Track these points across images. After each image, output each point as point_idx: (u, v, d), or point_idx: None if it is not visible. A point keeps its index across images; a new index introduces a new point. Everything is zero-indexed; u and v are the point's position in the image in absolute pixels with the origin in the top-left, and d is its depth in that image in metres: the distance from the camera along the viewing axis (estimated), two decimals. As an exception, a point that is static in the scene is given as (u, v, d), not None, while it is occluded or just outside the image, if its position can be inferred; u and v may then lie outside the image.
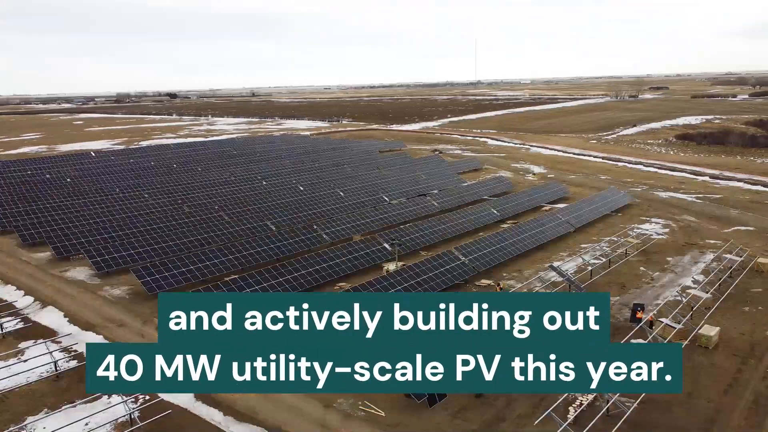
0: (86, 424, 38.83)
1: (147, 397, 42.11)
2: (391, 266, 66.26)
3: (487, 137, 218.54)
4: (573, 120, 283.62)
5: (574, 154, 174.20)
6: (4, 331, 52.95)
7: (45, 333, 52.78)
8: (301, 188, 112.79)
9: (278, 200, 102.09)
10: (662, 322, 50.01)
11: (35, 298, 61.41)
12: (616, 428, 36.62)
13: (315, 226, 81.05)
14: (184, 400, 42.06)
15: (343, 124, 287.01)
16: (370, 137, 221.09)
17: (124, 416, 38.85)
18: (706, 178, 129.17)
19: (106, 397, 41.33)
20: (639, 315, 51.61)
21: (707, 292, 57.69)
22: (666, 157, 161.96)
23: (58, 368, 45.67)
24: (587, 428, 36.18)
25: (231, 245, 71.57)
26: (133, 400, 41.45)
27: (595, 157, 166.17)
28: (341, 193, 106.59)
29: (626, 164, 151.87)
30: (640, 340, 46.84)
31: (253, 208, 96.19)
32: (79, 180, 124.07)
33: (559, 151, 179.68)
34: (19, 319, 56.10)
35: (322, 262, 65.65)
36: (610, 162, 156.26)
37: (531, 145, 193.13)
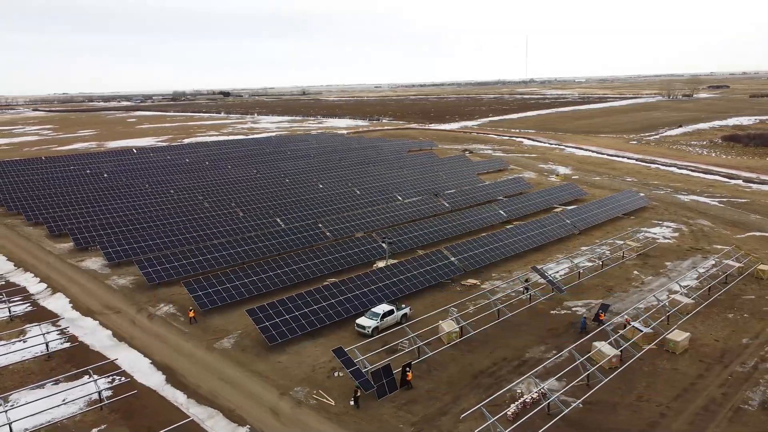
0: (63, 400, 42.36)
1: (122, 379, 45.50)
2: (381, 263, 67.96)
3: (524, 137, 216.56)
4: (616, 120, 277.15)
5: (608, 155, 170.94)
6: (12, 314, 57.58)
7: (49, 317, 57.11)
8: (321, 186, 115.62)
9: (294, 197, 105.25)
10: (632, 325, 49.86)
11: (48, 285, 66.25)
12: (549, 425, 37.37)
13: (319, 224, 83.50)
14: (155, 382, 45.21)
15: (381, 123, 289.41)
16: (405, 136, 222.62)
17: (94, 393, 42.18)
18: (739, 182, 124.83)
19: (87, 376, 44.81)
20: (601, 317, 51.82)
21: (691, 297, 56.85)
22: (704, 159, 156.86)
23: (49, 349, 49.61)
24: (517, 424, 37.08)
25: (234, 240, 74.70)
26: (109, 381, 44.96)
27: (628, 158, 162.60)
28: (357, 192, 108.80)
29: (659, 166, 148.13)
30: (603, 342, 47.01)
31: (267, 204, 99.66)
32: (116, 175, 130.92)
33: (593, 152, 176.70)
34: (28, 304, 60.80)
35: (314, 257, 67.94)
36: (643, 164, 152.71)
37: (566, 146, 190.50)
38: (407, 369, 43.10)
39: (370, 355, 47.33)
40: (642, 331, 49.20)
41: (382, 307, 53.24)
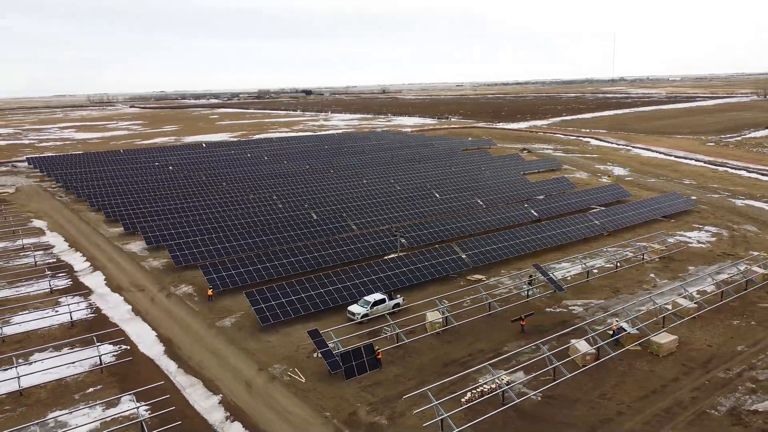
0: (73, 362, 47.68)
1: (128, 347, 50.42)
2: (392, 255, 69.93)
3: (593, 137, 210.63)
4: (698, 120, 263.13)
5: (676, 156, 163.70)
6: (52, 287, 64.42)
7: (84, 292, 63.48)
8: (365, 181, 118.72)
9: (335, 192, 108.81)
10: (620, 325, 49.28)
11: (91, 264, 73.25)
12: (496, 412, 38.32)
13: (347, 217, 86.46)
14: (154, 352, 49.86)
15: (449, 122, 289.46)
16: (468, 134, 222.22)
17: (96, 357, 47.27)
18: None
19: (99, 344, 49.94)
20: (523, 322, 51.11)
21: (694, 302, 55.06)
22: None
23: (73, 319, 55.49)
24: (462, 408, 38.29)
25: (260, 230, 79.03)
26: (116, 348, 49.99)
27: (697, 160, 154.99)
28: (398, 188, 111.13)
29: (728, 169, 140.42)
30: (580, 339, 46.90)
31: (307, 197, 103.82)
32: (180, 167, 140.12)
33: (661, 153, 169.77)
34: (69, 279, 67.68)
35: (329, 248, 70.94)
36: (711, 166, 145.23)
37: (633, 147, 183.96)
38: (371, 352, 45.08)
39: (350, 337, 49.79)
40: (627, 332, 48.65)
41: (374, 296, 55.38)
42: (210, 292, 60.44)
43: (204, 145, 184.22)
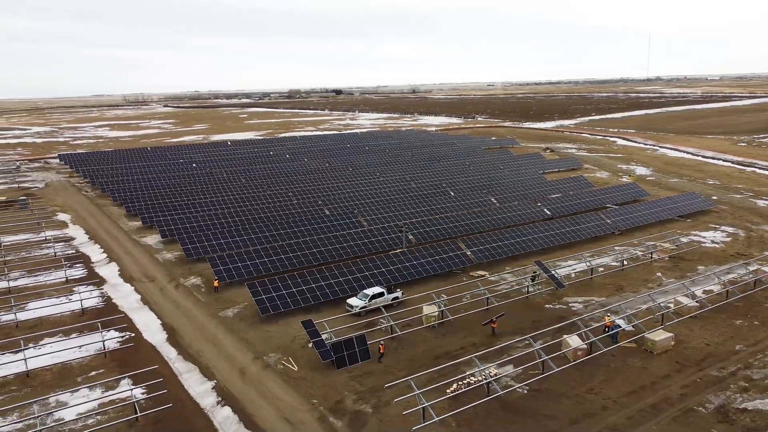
0: (80, 347, 49.69)
1: (132, 334, 52.27)
2: (397, 251, 70.52)
3: (620, 137, 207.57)
4: (733, 120, 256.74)
5: (703, 156, 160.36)
6: (68, 277, 66.95)
7: (97, 281, 65.81)
8: (381, 179, 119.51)
9: (351, 189, 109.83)
10: (615, 323, 49.06)
11: (107, 255, 75.77)
12: (477, 403, 38.73)
13: (357, 213, 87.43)
14: (157, 339, 51.60)
15: (475, 121, 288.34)
16: (492, 134, 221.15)
17: (99, 343, 49.21)
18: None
19: (105, 331, 51.87)
20: (494, 324, 50.29)
21: (696, 300, 54.38)
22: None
23: (83, 306, 57.67)
24: (442, 398, 38.74)
25: (271, 224, 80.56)
26: (121, 335, 51.87)
27: (725, 161, 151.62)
28: (413, 185, 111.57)
29: (756, 170, 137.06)
30: (572, 335, 46.87)
31: (322, 194, 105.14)
32: (203, 164, 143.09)
33: (689, 153, 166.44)
34: (85, 270, 70.18)
35: (335, 243, 71.98)
36: (738, 167, 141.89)
37: (660, 147, 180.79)
38: (363, 342, 45.89)
39: (348, 329, 50.71)
40: (622, 328, 48.43)
41: (373, 290, 56.14)
42: (216, 283, 62.09)
43: (229, 143, 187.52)
